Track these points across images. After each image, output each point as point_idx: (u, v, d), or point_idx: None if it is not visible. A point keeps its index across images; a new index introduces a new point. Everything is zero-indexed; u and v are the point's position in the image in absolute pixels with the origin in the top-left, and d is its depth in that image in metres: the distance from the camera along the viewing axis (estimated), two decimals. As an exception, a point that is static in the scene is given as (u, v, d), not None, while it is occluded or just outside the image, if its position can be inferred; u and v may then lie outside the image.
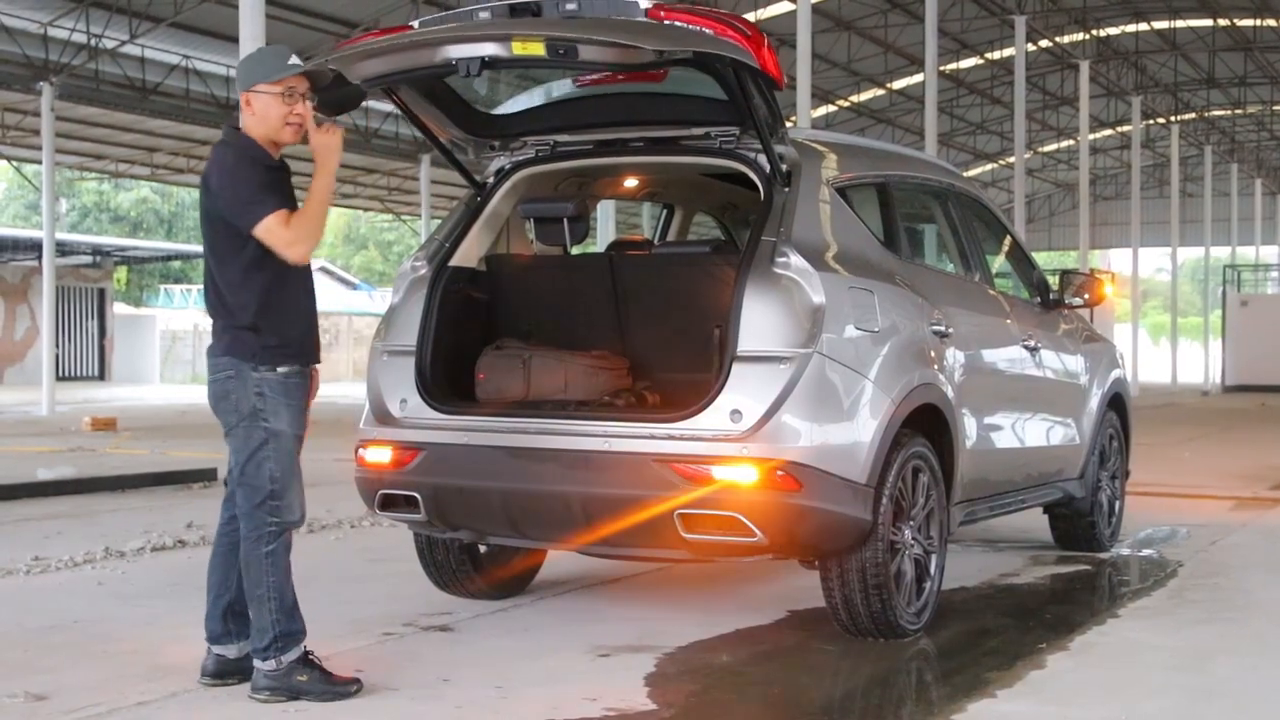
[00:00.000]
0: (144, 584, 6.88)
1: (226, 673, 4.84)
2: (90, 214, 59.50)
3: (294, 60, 4.81)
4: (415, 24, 5.50)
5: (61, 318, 37.02)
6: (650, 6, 5.10)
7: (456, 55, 5.30)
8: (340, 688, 4.66)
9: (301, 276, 4.82)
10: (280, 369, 4.70)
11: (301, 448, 4.81)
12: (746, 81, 5.24)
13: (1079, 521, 7.87)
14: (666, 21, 5.02)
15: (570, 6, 5.23)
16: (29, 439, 17.35)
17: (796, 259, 5.28)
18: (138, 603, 6.40)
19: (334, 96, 5.54)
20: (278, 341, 4.71)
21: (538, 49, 5.16)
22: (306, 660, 4.68)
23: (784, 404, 5.11)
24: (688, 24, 5.00)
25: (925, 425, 5.75)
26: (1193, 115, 46.09)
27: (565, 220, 6.10)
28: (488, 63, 5.27)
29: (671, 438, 5.17)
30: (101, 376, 41.75)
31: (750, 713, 4.62)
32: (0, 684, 4.79)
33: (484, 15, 5.37)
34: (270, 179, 4.69)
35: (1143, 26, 37.41)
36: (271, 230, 4.60)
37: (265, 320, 4.69)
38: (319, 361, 4.94)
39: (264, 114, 4.74)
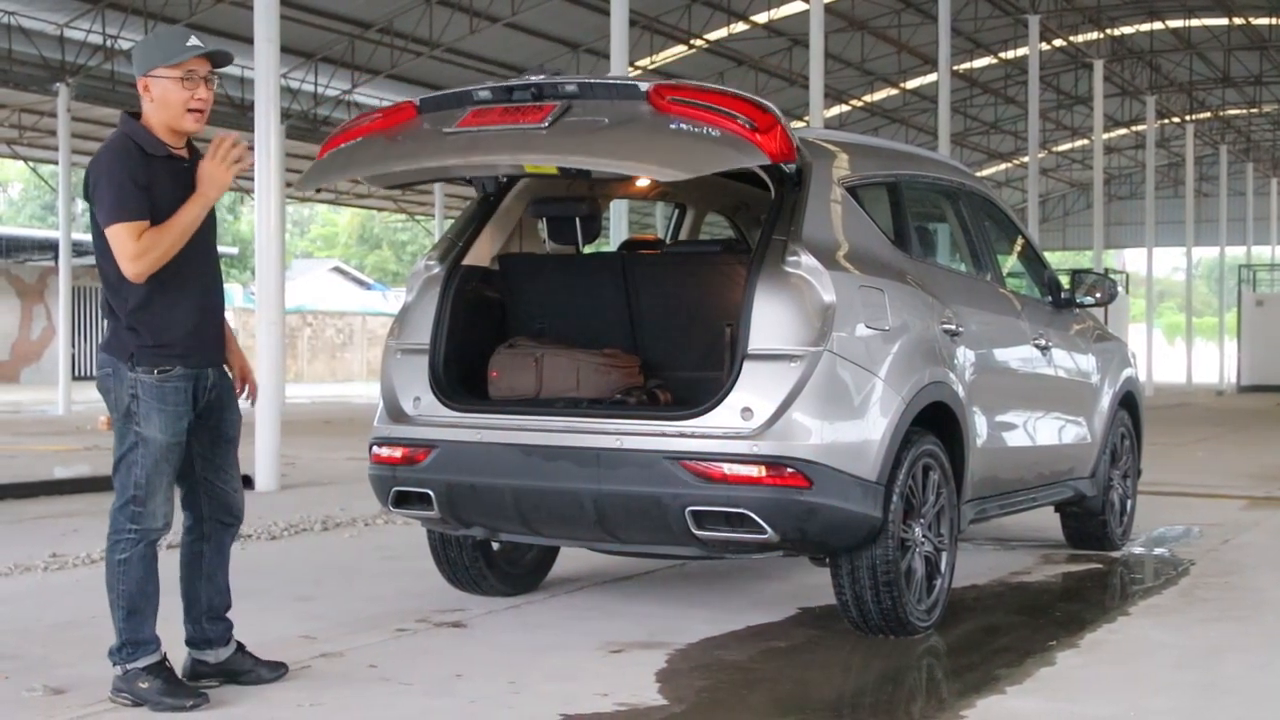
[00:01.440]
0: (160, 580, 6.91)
1: (204, 675, 4.79)
2: (106, 214, 59.61)
3: (194, 41, 4.56)
4: (417, 102, 5.57)
5: (77, 317, 37.16)
6: (650, 89, 5.15)
7: (471, 174, 5.40)
8: (177, 700, 4.49)
9: (194, 275, 4.58)
10: (157, 371, 4.50)
11: (180, 452, 4.64)
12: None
13: (1090, 520, 7.88)
14: (673, 124, 5.05)
15: (570, 89, 5.30)
16: (46, 438, 17.43)
17: (807, 258, 5.31)
18: (154, 599, 6.43)
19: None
20: (155, 342, 4.51)
21: (550, 170, 5.44)
22: (156, 668, 4.54)
23: (794, 402, 5.14)
24: (693, 120, 5.02)
25: (936, 423, 5.78)
26: (1208, 114, 45.94)
27: (577, 219, 6.14)
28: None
29: (683, 435, 5.20)
30: (117, 376, 41.82)
31: (760, 708, 4.64)
32: (20, 678, 4.86)
33: (484, 95, 5.49)
34: (147, 180, 4.44)
35: (1157, 25, 37.30)
36: (119, 237, 4.39)
37: (144, 320, 4.50)
38: (215, 364, 4.70)
39: (164, 100, 4.50)
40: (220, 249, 5.14)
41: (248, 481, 10.73)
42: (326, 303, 50.04)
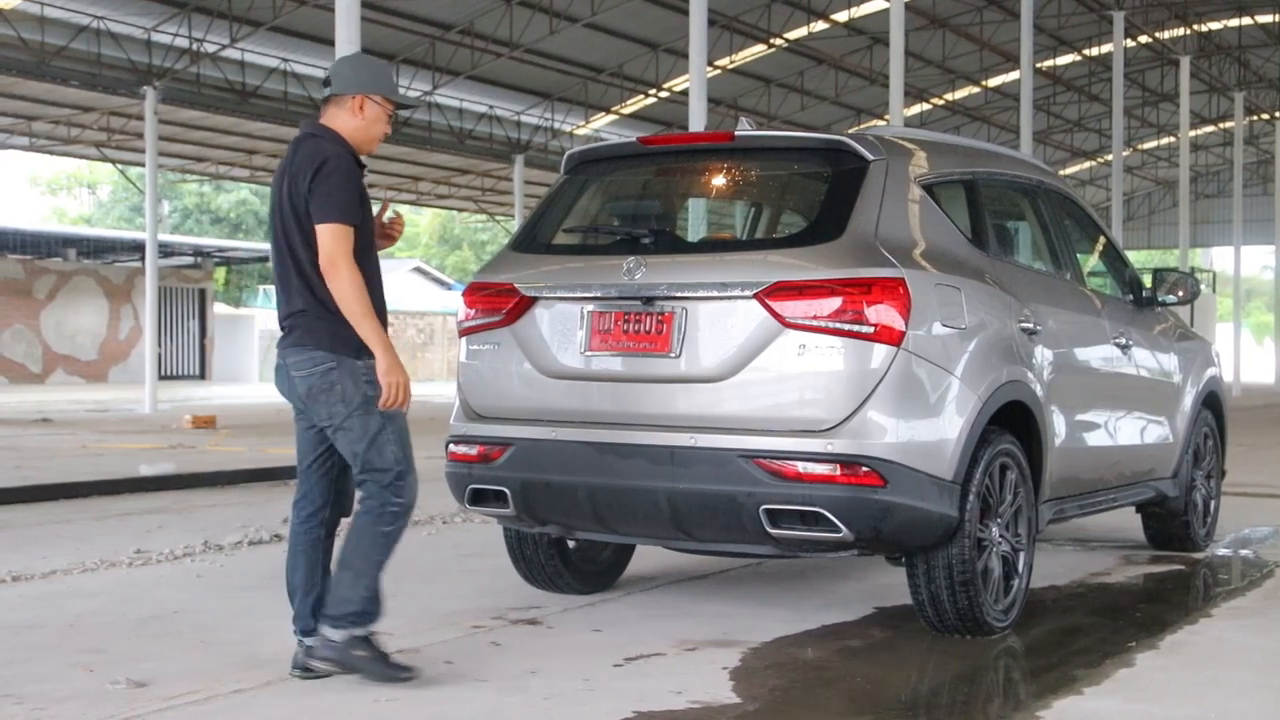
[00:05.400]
0: (241, 577, 7.03)
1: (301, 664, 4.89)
2: (191, 215, 60.60)
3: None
4: (523, 291, 5.71)
5: (164, 318, 37.80)
6: (757, 295, 5.20)
7: None
8: (394, 671, 4.74)
9: (377, 271, 4.90)
10: (372, 359, 4.76)
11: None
12: None
13: (1172, 521, 7.78)
14: (800, 345, 5.14)
15: (679, 294, 5.37)
16: (132, 436, 17.73)
17: (883, 255, 5.29)
18: (235, 595, 6.54)
19: None
20: None
21: None
22: (368, 640, 4.77)
23: (869, 400, 5.12)
24: (814, 334, 5.12)
25: (1013, 422, 5.73)
26: (1298, 110, 45.12)
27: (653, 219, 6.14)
28: None
29: (756, 433, 5.20)
30: (202, 375, 42.53)
31: (835, 707, 4.62)
32: (104, 671, 4.94)
33: (596, 291, 5.56)
34: (363, 191, 4.83)
35: (1246, 20, 36.66)
36: (340, 235, 4.69)
37: None
38: None
39: (373, 121, 4.94)
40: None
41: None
42: (408, 303, 50.47)
